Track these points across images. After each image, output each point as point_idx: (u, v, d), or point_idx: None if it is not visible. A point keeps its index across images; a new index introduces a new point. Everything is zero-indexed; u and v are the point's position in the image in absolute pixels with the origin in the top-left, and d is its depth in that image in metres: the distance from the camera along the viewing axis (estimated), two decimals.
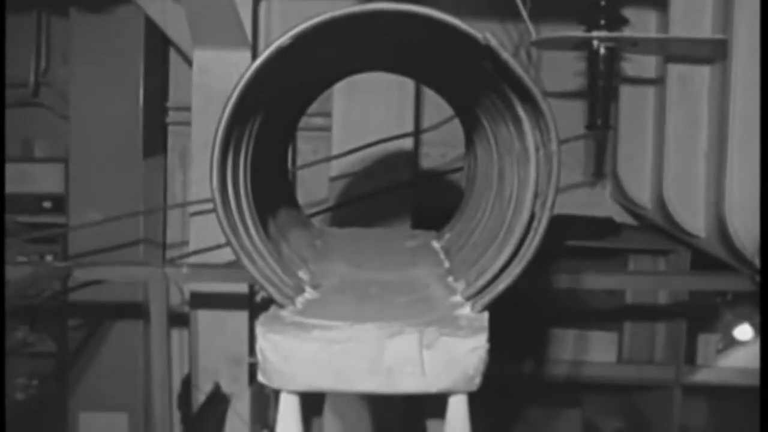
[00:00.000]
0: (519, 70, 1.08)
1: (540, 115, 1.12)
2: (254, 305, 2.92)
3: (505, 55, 1.07)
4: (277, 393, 1.09)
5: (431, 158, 3.39)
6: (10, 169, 3.28)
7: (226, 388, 2.89)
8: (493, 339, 1.07)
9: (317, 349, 1.05)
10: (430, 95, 2.92)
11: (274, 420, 1.10)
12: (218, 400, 2.87)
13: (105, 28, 3.25)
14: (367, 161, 2.86)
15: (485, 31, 1.07)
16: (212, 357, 2.90)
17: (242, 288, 2.86)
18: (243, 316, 2.89)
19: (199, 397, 2.89)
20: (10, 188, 3.25)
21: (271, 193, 1.53)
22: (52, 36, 3.56)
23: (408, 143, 2.93)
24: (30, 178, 3.48)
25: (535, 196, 1.18)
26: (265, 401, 2.89)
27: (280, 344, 1.05)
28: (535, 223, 1.15)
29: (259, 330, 1.07)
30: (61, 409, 3.34)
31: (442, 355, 1.05)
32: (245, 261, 1.16)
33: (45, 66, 3.57)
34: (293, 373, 1.05)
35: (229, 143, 1.17)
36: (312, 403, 1.30)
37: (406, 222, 2.90)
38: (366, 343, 1.05)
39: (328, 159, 2.95)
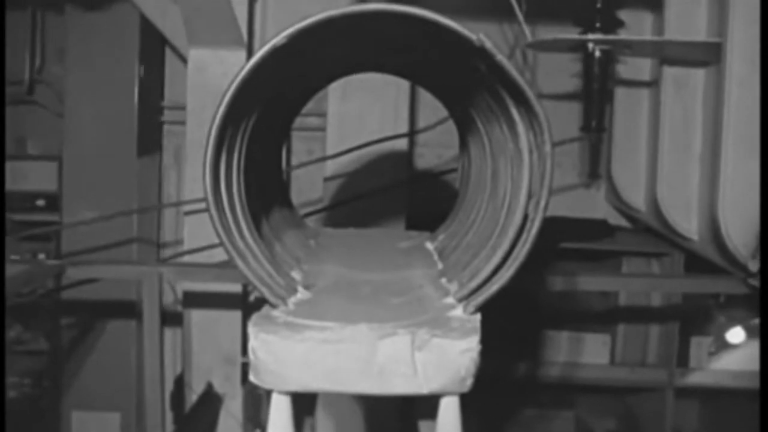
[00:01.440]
0: (513, 71, 1.08)
1: (534, 116, 1.12)
2: (248, 305, 2.91)
3: (500, 57, 1.07)
4: (269, 393, 1.09)
5: (426, 159, 3.40)
6: None
7: (218, 387, 2.89)
8: (485, 340, 1.07)
9: (309, 350, 1.05)
10: (425, 96, 2.92)
11: (267, 420, 1.10)
12: (211, 400, 2.86)
13: (100, 26, 3.24)
14: (361, 161, 2.86)
15: (480, 33, 1.07)
16: (205, 356, 2.89)
17: (236, 288, 2.85)
18: (236, 315, 2.89)
19: (192, 396, 2.89)
20: None
21: (265, 192, 1.52)
22: (47, 34, 3.55)
23: (403, 144, 2.93)
24: (23, 176, 3.46)
25: (529, 197, 1.18)
26: (257, 401, 2.89)
27: (272, 344, 1.05)
28: (528, 225, 1.15)
29: (251, 330, 1.07)
30: (54, 408, 3.33)
31: (434, 356, 1.05)
32: (238, 261, 1.16)
33: (40, 63, 3.56)
34: (285, 374, 1.05)
35: (223, 142, 1.17)
36: (304, 403, 1.29)
37: (400, 223, 2.90)
38: (358, 344, 1.05)
39: (323, 159, 2.95)
